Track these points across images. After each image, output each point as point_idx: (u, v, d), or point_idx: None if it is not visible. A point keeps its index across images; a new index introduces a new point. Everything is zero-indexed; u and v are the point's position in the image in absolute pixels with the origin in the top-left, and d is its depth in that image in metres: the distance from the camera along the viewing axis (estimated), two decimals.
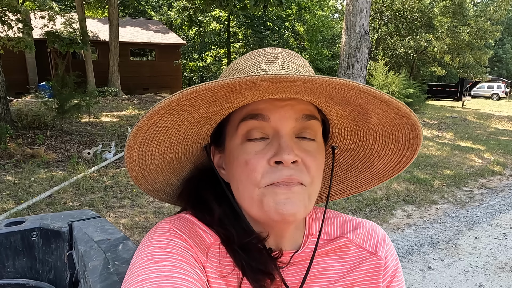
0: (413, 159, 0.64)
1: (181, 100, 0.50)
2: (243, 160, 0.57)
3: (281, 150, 0.54)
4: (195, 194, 0.65)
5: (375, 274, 0.65)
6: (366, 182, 0.72)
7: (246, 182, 0.57)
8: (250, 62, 0.60)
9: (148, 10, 28.29)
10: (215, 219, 0.61)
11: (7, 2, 7.87)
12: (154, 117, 0.52)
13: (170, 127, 0.56)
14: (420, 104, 13.80)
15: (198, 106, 0.53)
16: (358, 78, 10.53)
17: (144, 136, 0.55)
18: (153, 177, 0.66)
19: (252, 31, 19.44)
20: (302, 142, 0.58)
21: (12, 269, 1.04)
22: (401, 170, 0.67)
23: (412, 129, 0.58)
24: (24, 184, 5.06)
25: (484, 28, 20.18)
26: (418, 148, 0.62)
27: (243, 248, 0.58)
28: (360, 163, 0.70)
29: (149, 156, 0.60)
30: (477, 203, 5.43)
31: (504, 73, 46.45)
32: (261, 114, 0.56)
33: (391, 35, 24.60)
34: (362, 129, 0.63)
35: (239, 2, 10.92)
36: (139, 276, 0.49)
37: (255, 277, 0.56)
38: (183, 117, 0.55)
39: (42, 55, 15.73)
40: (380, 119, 0.58)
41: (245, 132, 0.57)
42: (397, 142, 0.63)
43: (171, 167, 0.66)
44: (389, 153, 0.65)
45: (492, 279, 3.35)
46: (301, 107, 0.57)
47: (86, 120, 9.15)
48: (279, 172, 0.54)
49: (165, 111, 0.52)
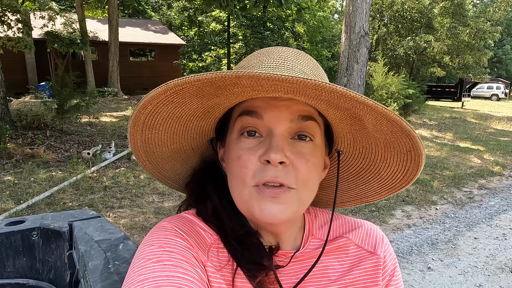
0: (419, 171, 0.61)
1: (169, 92, 0.51)
2: (236, 155, 0.57)
3: (270, 149, 0.54)
4: (199, 186, 0.66)
5: (374, 272, 0.66)
6: (376, 192, 0.71)
7: (237, 177, 0.57)
8: (255, 60, 0.61)
9: (148, 11, 28.28)
10: (209, 210, 0.62)
11: (7, 2, 7.88)
12: (148, 107, 0.54)
13: (167, 118, 0.58)
14: (420, 105, 13.77)
15: (189, 99, 0.54)
16: (357, 78, 10.53)
17: (143, 124, 0.57)
18: (161, 165, 0.68)
19: (251, 31, 19.43)
20: (297, 143, 0.57)
21: (13, 269, 1.04)
22: (409, 183, 0.65)
23: (409, 139, 0.56)
24: (24, 184, 5.06)
25: (483, 29, 20.21)
26: (422, 159, 0.59)
27: (238, 241, 0.59)
28: (366, 171, 0.69)
29: (152, 144, 0.62)
30: (477, 203, 5.44)
31: (504, 73, 46.48)
32: (255, 112, 0.57)
33: (391, 36, 24.63)
34: (363, 135, 0.62)
35: (239, 2, 10.93)
36: (140, 276, 0.49)
37: (248, 267, 0.57)
38: (178, 109, 0.56)
39: (42, 55, 15.71)
40: (375, 126, 0.57)
41: (240, 127, 0.58)
42: (398, 151, 0.61)
43: (178, 157, 0.67)
44: (393, 163, 0.64)
45: (492, 280, 3.35)
46: (298, 108, 0.56)
47: (85, 120, 9.15)
48: (266, 172, 0.54)
49: (157, 101, 0.53)
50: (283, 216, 0.55)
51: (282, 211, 0.55)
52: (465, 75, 22.78)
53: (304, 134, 0.58)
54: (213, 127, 0.66)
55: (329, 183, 0.73)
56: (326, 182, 0.73)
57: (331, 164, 0.69)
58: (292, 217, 0.57)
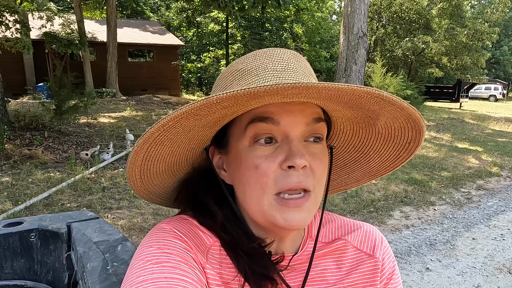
0: (410, 159, 0.65)
1: (205, 106, 0.49)
2: (253, 164, 0.56)
3: (292, 155, 0.54)
4: (194, 197, 0.65)
5: (372, 276, 0.66)
6: (357, 179, 0.74)
7: (255, 186, 0.56)
8: (256, 62, 0.59)
9: (146, 11, 28.27)
10: (218, 223, 0.61)
11: (4, 2, 7.86)
12: (170, 123, 0.51)
13: (180, 132, 0.55)
14: (418, 106, 13.84)
15: (214, 111, 0.53)
16: (356, 79, 10.54)
17: (153, 141, 0.54)
18: (151, 181, 0.64)
19: (250, 32, 19.46)
20: (310, 145, 0.58)
21: (10, 270, 1.03)
22: (394, 168, 0.68)
23: (416, 133, 0.60)
24: (22, 185, 5.04)
25: (481, 30, 20.25)
26: (417, 149, 0.63)
27: (246, 253, 0.58)
28: (355, 162, 0.71)
29: (152, 161, 0.60)
30: (475, 204, 5.45)
31: (501, 74, 46.61)
32: (271, 118, 0.55)
33: (389, 37, 24.67)
34: (365, 131, 0.64)
35: (237, 3, 10.93)
36: (139, 277, 0.49)
37: (257, 282, 0.57)
38: (196, 122, 0.54)
39: (40, 56, 15.66)
40: (387, 123, 0.59)
41: (253, 134, 0.56)
42: (397, 143, 0.64)
43: (170, 170, 0.65)
44: (386, 153, 0.66)
45: (490, 280, 3.36)
46: (311, 111, 0.57)
47: (84, 121, 9.13)
48: (289, 178, 0.54)
49: (183, 116, 0.51)
50: (307, 221, 0.57)
51: (306, 218, 0.56)
52: (463, 76, 22.80)
53: (318, 136, 0.58)
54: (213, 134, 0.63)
55: None
56: None
57: None
58: (310, 219, 0.58)
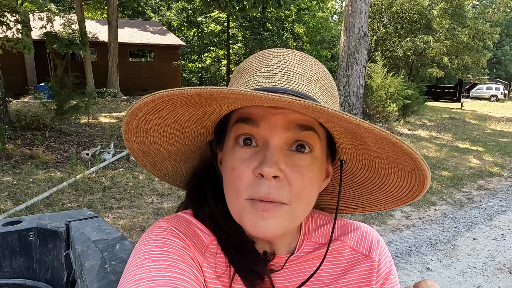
0: (425, 190, 0.59)
1: (156, 102, 0.50)
2: (230, 165, 0.56)
3: (264, 162, 0.52)
4: (197, 188, 0.66)
5: (368, 276, 0.65)
6: (381, 203, 0.69)
7: (231, 187, 0.56)
8: (256, 62, 0.59)
9: (147, 11, 28.30)
10: (206, 214, 0.62)
11: (6, 2, 7.87)
12: (139, 114, 0.52)
13: (160, 123, 0.56)
14: (419, 106, 13.80)
15: (180, 107, 0.53)
16: (357, 79, 10.53)
17: (137, 128, 0.56)
18: (160, 164, 0.67)
19: (251, 32, 19.45)
20: (295, 155, 0.54)
21: (9, 269, 1.03)
22: (415, 198, 0.62)
23: (411, 160, 0.52)
24: (23, 185, 5.05)
25: (482, 30, 20.21)
26: (427, 180, 0.55)
27: (235, 247, 0.59)
28: (371, 182, 0.66)
29: (148, 146, 0.61)
30: (476, 204, 5.44)
31: (503, 74, 46.56)
32: (251, 119, 0.54)
33: (390, 37, 24.64)
34: (364, 149, 0.59)
35: (238, 3, 10.93)
36: (136, 275, 0.48)
37: (245, 274, 0.57)
38: (170, 115, 0.55)
39: (41, 56, 15.69)
40: (376, 144, 0.53)
41: (235, 134, 0.56)
42: (402, 169, 0.58)
43: (177, 157, 0.67)
44: (398, 178, 0.61)
45: (491, 280, 3.35)
46: (296, 117, 0.53)
47: (85, 121, 9.13)
48: (259, 188, 0.52)
49: (146, 109, 0.52)
50: (275, 231, 0.54)
51: (274, 227, 0.53)
52: (464, 76, 22.77)
53: (303, 144, 0.55)
54: (211, 130, 0.64)
55: (333, 189, 0.71)
56: (330, 188, 0.71)
57: (336, 172, 0.67)
58: (284, 232, 0.55)
